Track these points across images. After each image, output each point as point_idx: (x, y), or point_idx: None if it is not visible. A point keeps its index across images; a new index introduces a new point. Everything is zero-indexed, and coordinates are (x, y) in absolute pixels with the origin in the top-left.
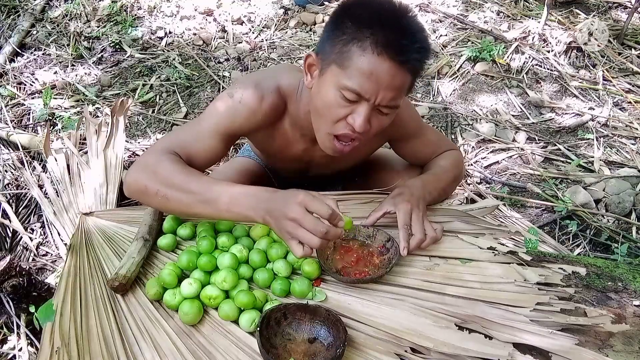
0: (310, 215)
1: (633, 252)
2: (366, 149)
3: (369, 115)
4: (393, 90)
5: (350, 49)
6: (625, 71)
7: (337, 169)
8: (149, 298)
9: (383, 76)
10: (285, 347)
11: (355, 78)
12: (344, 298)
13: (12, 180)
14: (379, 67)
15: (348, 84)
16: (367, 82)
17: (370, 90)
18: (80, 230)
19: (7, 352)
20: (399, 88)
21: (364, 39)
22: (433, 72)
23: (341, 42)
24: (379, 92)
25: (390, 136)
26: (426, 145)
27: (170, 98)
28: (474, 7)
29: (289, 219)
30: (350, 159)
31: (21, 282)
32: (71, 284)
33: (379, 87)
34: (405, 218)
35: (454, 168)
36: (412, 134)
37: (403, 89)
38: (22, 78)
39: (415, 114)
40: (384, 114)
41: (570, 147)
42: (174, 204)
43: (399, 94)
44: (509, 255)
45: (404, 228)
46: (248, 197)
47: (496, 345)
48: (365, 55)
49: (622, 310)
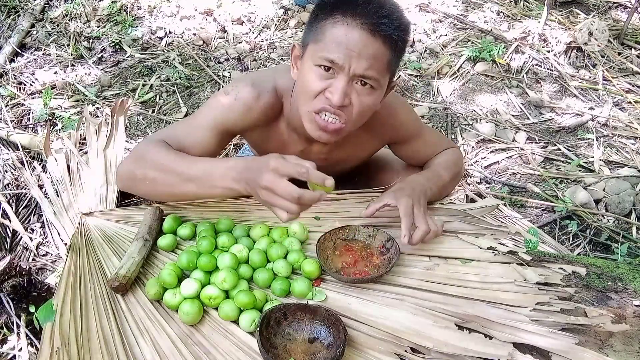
0: (282, 181)
1: (633, 252)
2: (365, 151)
3: (345, 87)
4: (367, 58)
5: (323, 24)
6: (625, 71)
7: (337, 171)
8: (149, 298)
9: (354, 43)
10: (285, 347)
11: (328, 48)
12: (344, 298)
13: (12, 180)
14: (349, 35)
15: (321, 54)
16: (339, 49)
17: (343, 57)
18: (80, 230)
19: (7, 352)
20: (373, 57)
21: (335, 14)
22: (433, 72)
23: (316, 22)
24: (351, 59)
25: (390, 139)
26: (426, 146)
27: (170, 98)
28: (474, 7)
29: (262, 187)
30: (349, 161)
31: (21, 282)
32: (71, 284)
33: (351, 54)
34: (407, 210)
35: (454, 166)
36: (411, 136)
37: (379, 60)
38: (22, 78)
39: (414, 115)
40: (364, 89)
41: (570, 147)
42: (161, 187)
43: (375, 65)
44: (509, 255)
45: (406, 217)
46: (229, 170)
47: (496, 345)
48: (336, 26)
49: (622, 310)
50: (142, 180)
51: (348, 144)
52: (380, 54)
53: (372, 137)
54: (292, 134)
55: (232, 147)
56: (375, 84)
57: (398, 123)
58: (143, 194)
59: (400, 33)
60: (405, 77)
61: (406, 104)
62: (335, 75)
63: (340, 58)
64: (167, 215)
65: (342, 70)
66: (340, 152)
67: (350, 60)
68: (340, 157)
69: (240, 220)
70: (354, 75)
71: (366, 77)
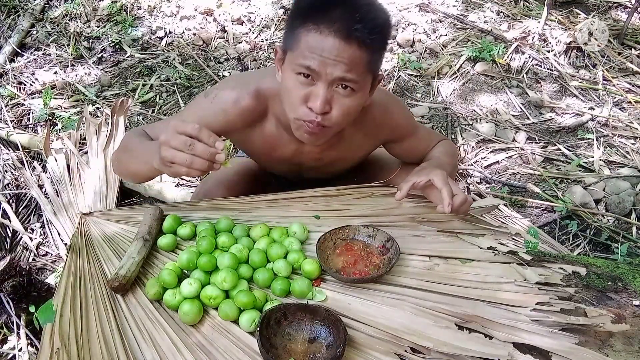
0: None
1: (633, 252)
2: (360, 150)
3: (326, 95)
4: (343, 63)
5: (298, 32)
6: (625, 71)
7: (332, 171)
8: (149, 298)
9: (329, 50)
10: (285, 347)
11: (304, 55)
12: (344, 298)
13: (12, 180)
14: (323, 43)
15: (299, 62)
16: (315, 56)
17: (319, 64)
18: (80, 230)
19: (7, 352)
20: (349, 61)
21: (308, 22)
22: (433, 72)
23: (292, 30)
24: (327, 66)
25: (386, 138)
26: (420, 142)
27: (170, 98)
28: (474, 7)
29: (161, 143)
30: (344, 161)
31: (21, 282)
32: (71, 284)
33: (327, 61)
34: (444, 180)
35: (452, 155)
36: (406, 134)
37: (356, 63)
38: (22, 78)
39: (408, 113)
40: (345, 92)
41: (570, 147)
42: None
43: (352, 68)
44: (509, 255)
45: (445, 186)
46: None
47: (496, 345)
48: (309, 34)
49: (622, 310)
50: (117, 162)
51: (342, 144)
52: (356, 57)
53: (366, 137)
54: (283, 134)
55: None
56: (356, 86)
57: (393, 123)
58: (120, 174)
59: (375, 36)
60: (405, 77)
61: (400, 102)
62: (315, 82)
63: (317, 65)
64: (167, 215)
65: (320, 76)
66: (334, 152)
67: (326, 67)
68: (334, 157)
69: (240, 220)
70: (333, 80)
71: (345, 79)
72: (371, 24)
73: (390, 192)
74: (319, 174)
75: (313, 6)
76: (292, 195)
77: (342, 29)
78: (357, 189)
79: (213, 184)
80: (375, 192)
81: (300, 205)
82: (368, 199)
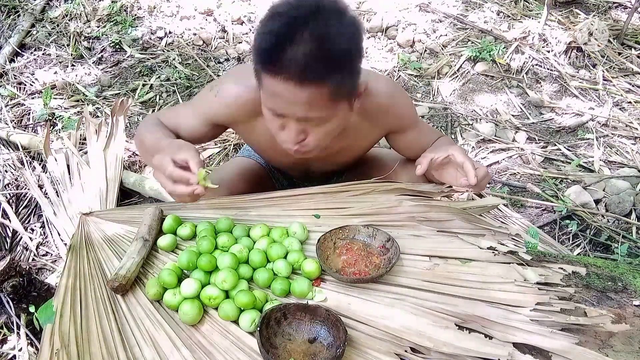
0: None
1: (633, 252)
2: (365, 140)
3: (297, 129)
4: (302, 105)
5: (259, 72)
6: (625, 71)
7: (338, 162)
8: (149, 298)
9: (287, 96)
10: (285, 347)
11: (268, 98)
12: (344, 298)
13: (12, 180)
14: (279, 88)
15: (265, 103)
16: (276, 102)
17: (283, 109)
18: (80, 230)
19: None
20: (308, 102)
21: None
22: (433, 72)
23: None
24: (288, 109)
25: (391, 128)
26: (421, 135)
27: (170, 98)
28: (474, 7)
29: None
30: (351, 151)
31: (21, 282)
32: (71, 285)
33: (289, 105)
34: (464, 154)
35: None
36: (409, 125)
37: (317, 101)
38: (22, 78)
39: (412, 106)
40: (317, 125)
41: (570, 147)
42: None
43: (314, 107)
44: (509, 255)
45: (467, 159)
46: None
47: (496, 345)
48: (266, 78)
49: (622, 310)
50: (136, 145)
51: (348, 132)
52: (315, 97)
53: (372, 126)
54: None
55: (232, 147)
56: (324, 118)
57: (398, 111)
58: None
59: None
60: (405, 77)
61: (405, 93)
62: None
63: (280, 109)
64: (167, 215)
65: (287, 116)
66: (340, 141)
67: (289, 109)
68: (341, 146)
69: (240, 220)
70: (299, 118)
71: (309, 118)
72: (326, 60)
73: (391, 188)
74: (326, 164)
75: (265, 51)
76: (291, 193)
77: (294, 74)
78: (358, 185)
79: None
80: (375, 188)
81: (300, 203)
82: (368, 196)
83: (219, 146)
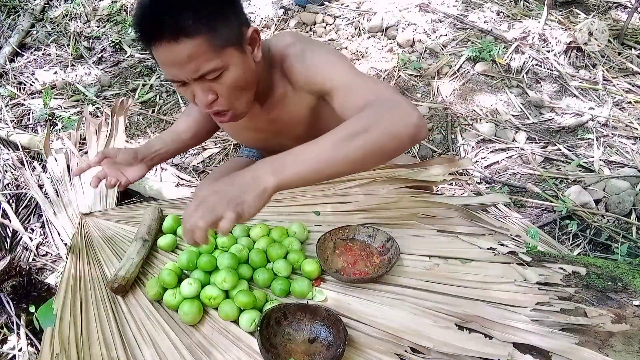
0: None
1: (633, 252)
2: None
3: (202, 91)
4: (188, 63)
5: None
6: (625, 71)
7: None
8: (149, 298)
9: (170, 60)
10: (285, 347)
11: (164, 72)
12: (344, 298)
13: (12, 180)
14: (161, 55)
15: (165, 77)
16: (169, 70)
17: (176, 75)
18: (80, 231)
19: (7, 352)
20: (191, 58)
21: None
22: (433, 72)
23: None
24: (180, 73)
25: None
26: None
27: (170, 98)
28: (474, 7)
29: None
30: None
31: (21, 282)
32: (71, 287)
33: (177, 68)
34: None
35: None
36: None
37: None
38: (22, 78)
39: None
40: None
41: (570, 147)
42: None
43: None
44: (509, 255)
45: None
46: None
47: (496, 345)
48: (151, 50)
49: (622, 310)
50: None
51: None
52: (194, 49)
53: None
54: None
55: (232, 147)
56: (220, 68)
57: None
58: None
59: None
60: (405, 77)
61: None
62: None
63: (174, 76)
64: (167, 215)
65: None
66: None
67: (181, 73)
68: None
69: None
70: (196, 78)
71: (204, 73)
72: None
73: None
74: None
75: (136, 24)
76: None
77: (161, 35)
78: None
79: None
80: (376, 178)
81: (300, 198)
82: (370, 188)
83: (219, 146)
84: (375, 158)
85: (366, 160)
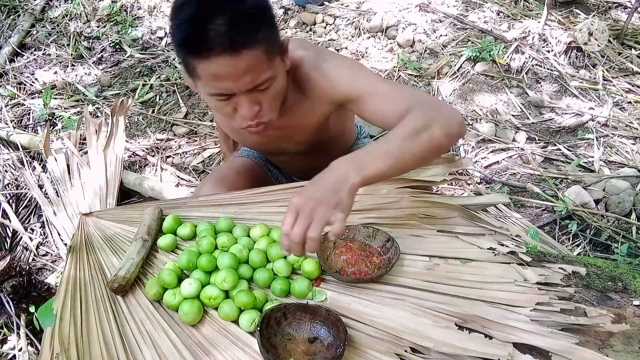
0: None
1: (633, 252)
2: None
3: (249, 102)
4: (246, 74)
5: (190, 63)
6: (625, 71)
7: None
8: (149, 298)
9: (226, 72)
10: (285, 347)
11: (210, 84)
12: (344, 298)
13: (12, 180)
14: (215, 68)
15: (209, 90)
16: (220, 83)
17: (228, 87)
18: (80, 231)
19: (7, 352)
20: (249, 69)
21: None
22: (433, 72)
23: (183, 60)
24: (235, 84)
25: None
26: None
27: (170, 98)
28: (474, 7)
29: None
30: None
31: (21, 282)
32: (71, 287)
33: (232, 80)
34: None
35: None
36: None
37: (256, 65)
38: (22, 78)
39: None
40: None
41: (570, 147)
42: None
43: (257, 71)
44: (509, 255)
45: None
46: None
47: (496, 345)
48: (200, 64)
49: (622, 310)
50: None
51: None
52: (252, 61)
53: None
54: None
55: None
56: (271, 79)
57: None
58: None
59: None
60: (405, 77)
61: (338, 57)
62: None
63: (226, 88)
64: (167, 215)
65: (235, 92)
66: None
67: (235, 85)
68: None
69: (239, 218)
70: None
71: (258, 84)
72: (246, 20)
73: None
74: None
75: (188, 37)
76: (291, 186)
77: (225, 45)
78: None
79: (213, 183)
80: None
81: None
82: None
83: (218, 146)
84: (434, 154)
85: (427, 156)
